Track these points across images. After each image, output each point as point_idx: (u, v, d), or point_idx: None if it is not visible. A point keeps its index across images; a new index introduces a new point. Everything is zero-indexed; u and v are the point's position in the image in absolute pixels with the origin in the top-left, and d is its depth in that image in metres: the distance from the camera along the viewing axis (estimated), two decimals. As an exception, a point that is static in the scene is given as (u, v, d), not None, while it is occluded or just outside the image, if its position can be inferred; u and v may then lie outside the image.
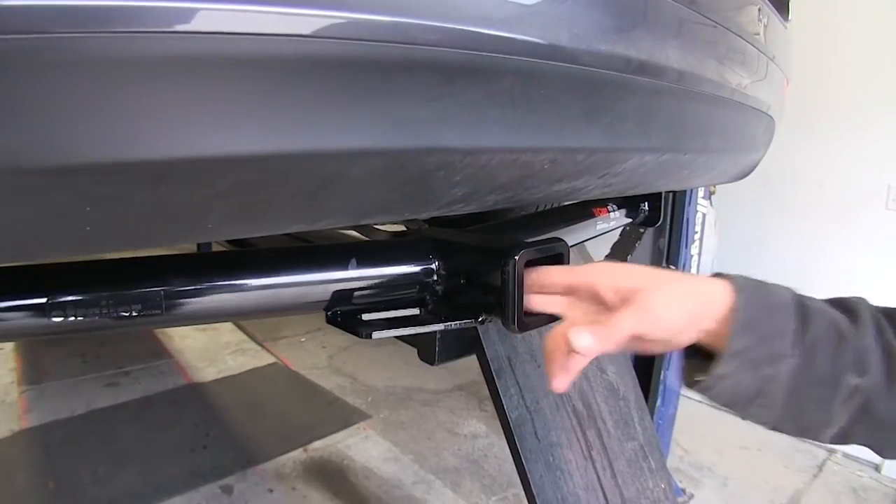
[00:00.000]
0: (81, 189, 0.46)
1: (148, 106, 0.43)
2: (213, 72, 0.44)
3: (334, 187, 0.56)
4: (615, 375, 2.46)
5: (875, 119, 3.38)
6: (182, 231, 0.58)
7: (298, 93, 0.47)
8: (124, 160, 0.44)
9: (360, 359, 4.56)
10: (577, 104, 0.70)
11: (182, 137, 0.44)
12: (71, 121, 0.42)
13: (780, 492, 3.33)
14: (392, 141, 0.54)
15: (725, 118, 1.09)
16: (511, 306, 0.84)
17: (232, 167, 0.48)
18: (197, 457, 3.16)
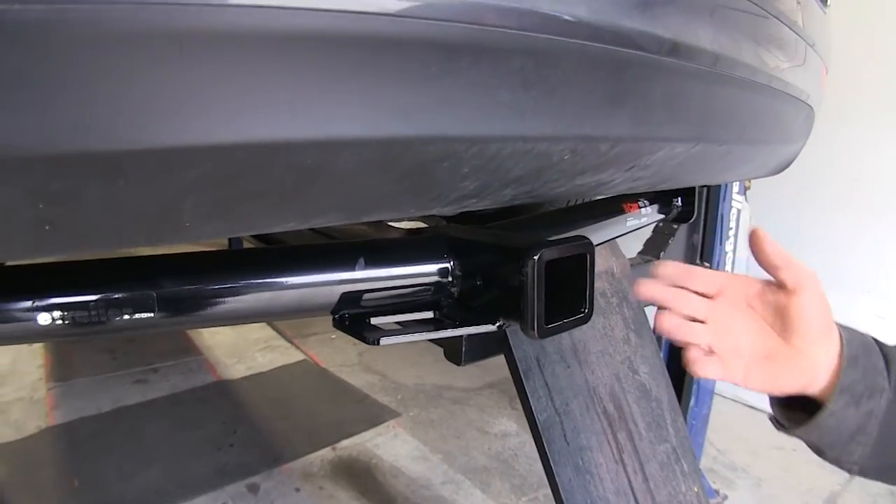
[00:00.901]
0: (28, 184, 0.41)
1: (97, 89, 0.38)
2: (167, 48, 0.38)
3: (320, 181, 0.50)
4: (647, 376, 2.38)
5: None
6: (156, 230, 0.53)
7: (263, 73, 0.41)
8: (70, 152, 0.39)
9: (390, 356, 4.53)
10: (599, 88, 0.63)
11: (135, 126, 0.39)
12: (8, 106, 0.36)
13: (815, 493, 3.23)
14: (379, 129, 0.48)
15: (762, 106, 1.01)
16: (531, 310, 0.78)
17: (193, 159, 0.42)
18: (223, 455, 3.14)
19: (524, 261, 0.76)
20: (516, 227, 1.19)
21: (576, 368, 2.11)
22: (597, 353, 2.17)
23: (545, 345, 1.97)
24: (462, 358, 1.84)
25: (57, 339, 0.75)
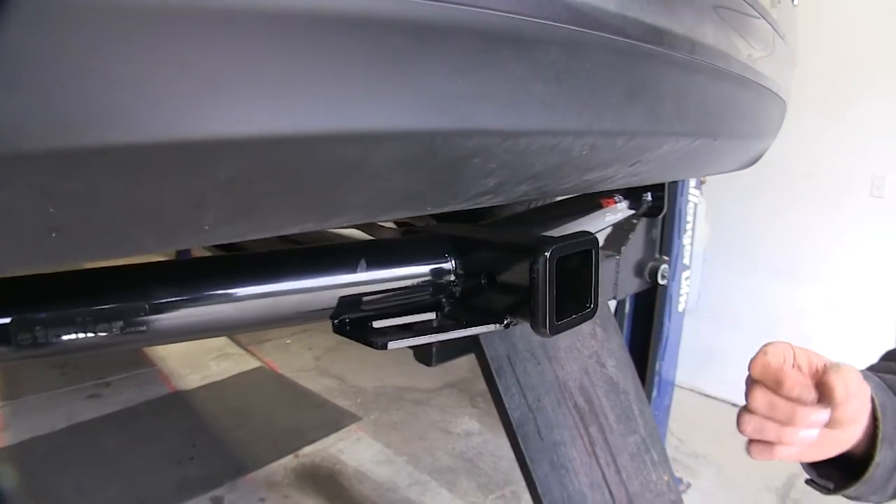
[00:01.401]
0: (41, 184, 0.37)
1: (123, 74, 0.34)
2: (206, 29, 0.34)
3: (354, 177, 0.47)
4: (615, 369, 2.40)
5: (861, 111, 3.41)
6: (171, 235, 0.49)
7: (308, 59, 0.38)
8: (95, 146, 0.35)
9: (348, 359, 4.48)
10: (621, 82, 0.62)
11: (169, 116, 0.35)
12: (21, 93, 0.32)
13: (775, 477, 3.31)
14: (424, 120, 0.45)
15: (749, 101, 1.02)
16: (542, 307, 0.76)
17: (232, 153, 0.39)
18: (184, 468, 3.05)
19: (535, 258, 0.74)
20: (506, 225, 1.18)
21: (546, 365, 2.11)
22: (565, 349, 2.18)
23: (515, 342, 1.97)
24: (433, 358, 1.82)
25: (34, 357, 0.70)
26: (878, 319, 3.48)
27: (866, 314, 3.54)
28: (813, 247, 3.68)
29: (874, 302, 3.51)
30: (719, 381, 4.08)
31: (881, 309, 3.48)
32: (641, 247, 2.80)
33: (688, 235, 3.03)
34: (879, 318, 3.47)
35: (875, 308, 3.50)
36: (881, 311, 3.48)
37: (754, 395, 0.82)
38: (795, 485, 3.26)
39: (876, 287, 3.49)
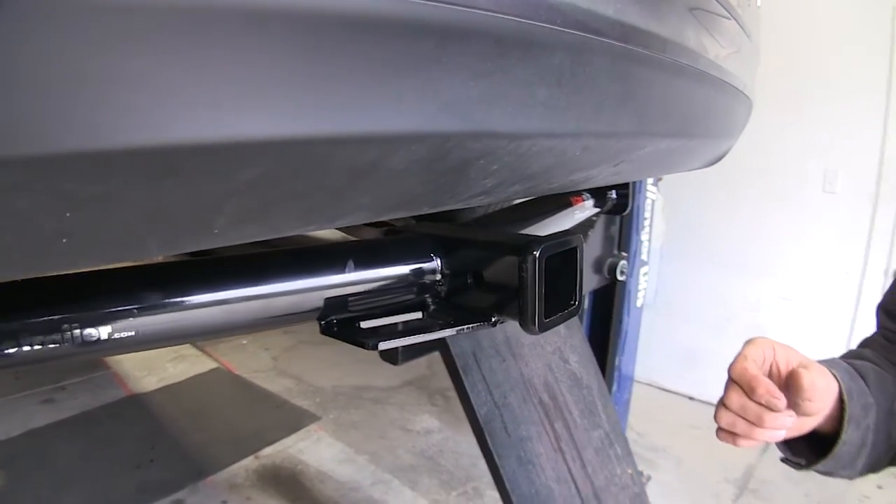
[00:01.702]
0: (63, 188, 0.36)
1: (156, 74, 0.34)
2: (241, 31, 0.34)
3: (369, 178, 0.47)
4: (577, 364, 2.43)
5: (813, 108, 3.49)
6: (180, 238, 0.48)
7: (340, 62, 0.38)
8: (126, 147, 0.34)
9: (305, 359, 4.45)
10: (614, 85, 0.63)
11: (199, 117, 0.35)
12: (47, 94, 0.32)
13: (733, 468, 3.39)
14: (441, 123, 0.45)
15: (724, 101, 1.05)
16: (531, 305, 0.77)
17: (259, 155, 0.38)
18: (144, 472, 3.00)
19: (524, 257, 0.75)
20: (484, 225, 1.18)
21: (511, 362, 2.12)
22: (529, 346, 2.19)
23: (480, 340, 1.97)
24: (399, 357, 1.82)
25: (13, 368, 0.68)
26: (830, 312, 3.58)
27: (819, 307, 3.64)
28: (767, 241, 3.76)
29: (826, 295, 3.60)
30: (676, 375, 4.16)
31: (833, 302, 3.58)
32: (601, 244, 2.84)
33: (646, 232, 3.09)
34: (831, 311, 3.58)
35: (827, 301, 3.60)
36: (833, 304, 3.58)
37: (730, 394, 0.88)
38: (754, 475, 3.34)
39: (828, 281, 3.59)
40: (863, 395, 0.88)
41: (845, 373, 0.89)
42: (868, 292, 3.48)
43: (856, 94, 3.38)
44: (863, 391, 0.89)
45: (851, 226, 3.49)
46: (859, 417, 0.87)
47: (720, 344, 3.94)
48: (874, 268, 3.47)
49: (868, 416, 0.88)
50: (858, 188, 3.45)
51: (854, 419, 0.86)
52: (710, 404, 4.13)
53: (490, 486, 3.17)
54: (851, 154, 3.44)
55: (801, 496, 3.16)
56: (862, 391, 0.89)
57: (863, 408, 0.87)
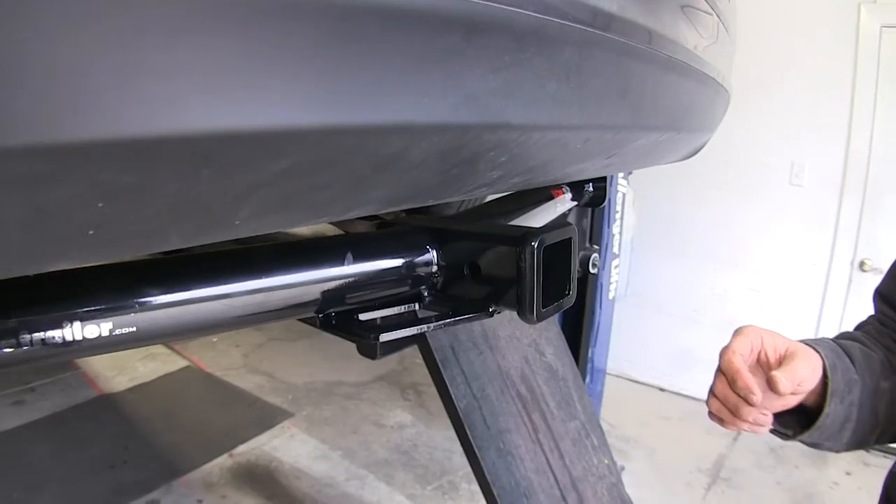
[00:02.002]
0: (100, 178, 0.36)
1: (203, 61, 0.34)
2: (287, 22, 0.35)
3: (389, 170, 0.48)
4: (553, 357, 2.45)
5: (780, 102, 3.55)
6: (202, 230, 0.48)
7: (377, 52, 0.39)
8: (168, 135, 0.34)
9: (277, 356, 4.42)
10: (616, 79, 0.65)
11: (245, 105, 0.35)
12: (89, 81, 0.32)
13: (705, 457, 3.45)
14: (462, 115, 0.46)
15: (708, 95, 1.07)
16: (529, 295, 0.78)
17: (297, 144, 0.39)
18: (118, 473, 2.96)
19: (523, 248, 0.76)
20: (474, 217, 1.19)
21: (488, 354, 2.14)
22: (505, 338, 2.21)
23: (458, 333, 1.98)
24: (378, 351, 1.82)
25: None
26: (798, 302, 3.66)
27: (787, 298, 3.71)
28: (735, 234, 3.82)
29: (794, 286, 3.68)
30: (646, 366, 4.22)
31: (801, 292, 3.66)
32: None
33: (617, 225, 3.13)
34: (799, 302, 3.66)
35: (795, 292, 3.68)
36: (801, 294, 3.66)
37: (716, 383, 0.94)
38: (725, 464, 3.40)
39: (795, 271, 3.67)
40: (847, 371, 0.92)
41: (830, 350, 0.93)
42: (835, 282, 3.57)
43: (822, 88, 3.45)
44: (847, 368, 0.93)
45: (818, 217, 3.57)
46: (843, 392, 0.91)
47: (690, 335, 4.02)
48: (840, 258, 3.55)
49: (852, 392, 0.92)
50: (825, 181, 3.53)
51: (837, 393, 0.90)
52: (680, 395, 4.21)
53: (465, 480, 3.20)
54: (818, 147, 3.51)
55: (772, 484, 3.23)
56: (846, 368, 0.92)
57: (846, 384, 0.91)
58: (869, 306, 1.11)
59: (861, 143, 3.39)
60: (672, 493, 3.13)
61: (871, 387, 0.94)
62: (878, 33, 3.27)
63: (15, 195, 0.35)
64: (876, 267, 3.45)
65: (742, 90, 3.52)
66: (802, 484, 3.18)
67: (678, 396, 4.11)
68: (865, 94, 3.34)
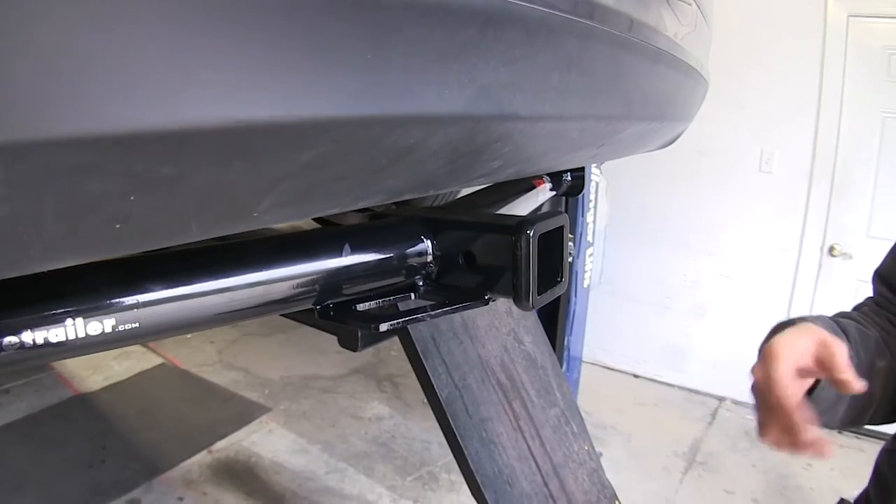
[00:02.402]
0: (135, 169, 0.37)
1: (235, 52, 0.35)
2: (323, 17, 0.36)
3: (404, 160, 0.49)
4: (532, 345, 2.47)
5: (749, 90, 3.60)
6: (222, 221, 0.49)
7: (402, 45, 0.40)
8: (207, 126, 0.35)
9: (251, 351, 4.40)
10: (610, 70, 0.67)
11: (282, 95, 0.36)
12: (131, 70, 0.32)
13: (681, 441, 3.51)
14: (476, 106, 0.48)
15: (690, 85, 1.10)
16: (525, 283, 0.80)
17: (326, 134, 0.40)
18: (96, 473, 2.93)
19: (518, 237, 0.78)
20: (462, 207, 1.21)
21: (468, 344, 2.15)
22: (484, 328, 2.23)
23: (438, 323, 2.00)
24: (359, 343, 1.83)
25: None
26: (769, 288, 3.73)
27: (758, 283, 3.78)
28: (706, 221, 3.88)
29: (765, 271, 3.75)
30: (619, 353, 4.28)
31: (771, 278, 3.73)
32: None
33: (591, 213, 3.16)
34: (770, 287, 3.73)
35: (766, 277, 3.75)
36: (771, 279, 3.73)
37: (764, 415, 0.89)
38: (701, 448, 3.47)
39: (766, 257, 3.73)
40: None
41: (827, 326, 0.93)
42: (805, 267, 3.64)
43: (791, 78, 3.50)
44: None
45: (788, 204, 3.63)
46: None
47: (663, 322, 4.08)
48: (810, 245, 3.62)
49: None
50: (794, 168, 3.59)
51: None
52: (654, 381, 4.26)
53: (444, 470, 3.22)
54: (787, 135, 3.57)
55: (748, 466, 3.30)
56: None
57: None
58: (839, 290, 1.14)
59: (829, 131, 3.46)
60: (650, 478, 3.18)
61: (867, 364, 0.94)
62: (845, 22, 3.33)
63: (53, 187, 0.36)
64: (845, 252, 3.52)
65: (713, 79, 3.57)
66: (777, 465, 3.24)
67: (652, 382, 4.17)
68: (833, 83, 3.40)
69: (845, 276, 3.53)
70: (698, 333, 3.99)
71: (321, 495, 2.97)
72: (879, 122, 3.35)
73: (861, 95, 3.36)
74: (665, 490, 3.11)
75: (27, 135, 0.32)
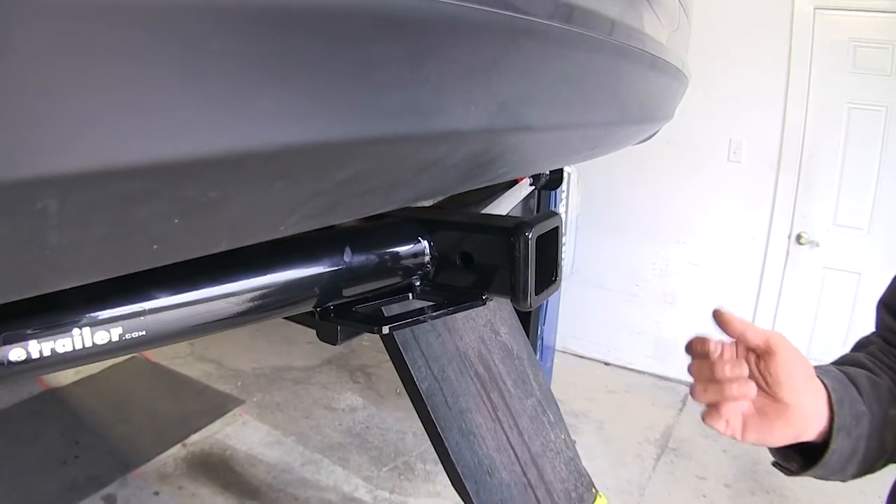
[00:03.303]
0: (185, 194, 0.38)
1: (289, 76, 0.36)
2: (378, 41, 0.37)
3: (427, 173, 0.50)
4: (508, 336, 2.50)
5: (717, 80, 3.62)
6: (248, 236, 0.50)
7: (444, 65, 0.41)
8: (263, 149, 0.36)
9: (223, 343, 4.36)
10: (611, 80, 0.69)
11: (332, 116, 0.37)
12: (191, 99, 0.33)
13: (653, 428, 3.57)
14: (497, 120, 0.49)
15: (674, 85, 1.12)
16: (523, 283, 0.82)
17: (368, 153, 0.41)
18: (70, 469, 2.89)
19: (517, 237, 0.80)
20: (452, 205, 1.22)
21: (446, 336, 2.17)
22: (462, 319, 2.24)
23: (417, 317, 2.00)
24: (338, 337, 1.84)
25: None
26: (736, 276, 3.80)
27: (726, 272, 3.84)
28: (675, 210, 3.92)
29: (733, 260, 3.81)
30: (589, 341, 4.32)
31: (739, 266, 3.79)
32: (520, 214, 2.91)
33: (563, 204, 3.19)
34: (738, 275, 3.79)
35: (734, 266, 3.81)
36: (739, 268, 3.79)
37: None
38: (672, 435, 3.53)
39: (734, 246, 3.79)
40: (854, 403, 0.88)
41: (837, 381, 0.89)
42: (773, 256, 3.71)
43: (759, 68, 3.55)
44: (854, 400, 0.88)
45: (756, 193, 3.69)
46: (850, 427, 0.87)
47: (632, 309, 4.13)
48: (778, 233, 3.68)
49: (860, 424, 0.88)
50: (762, 158, 3.64)
51: (844, 429, 0.86)
52: (625, 368, 4.31)
53: (420, 460, 3.24)
54: (755, 125, 3.62)
55: (719, 452, 3.36)
56: (854, 400, 0.88)
57: (854, 417, 0.87)
58: (807, 278, 1.11)
59: (796, 121, 3.51)
60: (623, 465, 3.23)
61: (880, 417, 0.89)
62: (811, 14, 3.39)
63: (104, 216, 0.37)
64: (812, 240, 3.59)
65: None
66: (748, 451, 3.29)
67: (623, 370, 4.23)
68: (800, 74, 3.46)
69: (813, 263, 3.60)
70: (668, 321, 4.05)
71: (297, 487, 2.97)
72: (845, 113, 3.41)
73: (827, 86, 3.42)
74: (638, 477, 3.16)
75: (88, 165, 0.33)
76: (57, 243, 0.37)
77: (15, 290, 0.42)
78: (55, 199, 0.34)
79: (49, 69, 0.29)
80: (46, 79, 0.30)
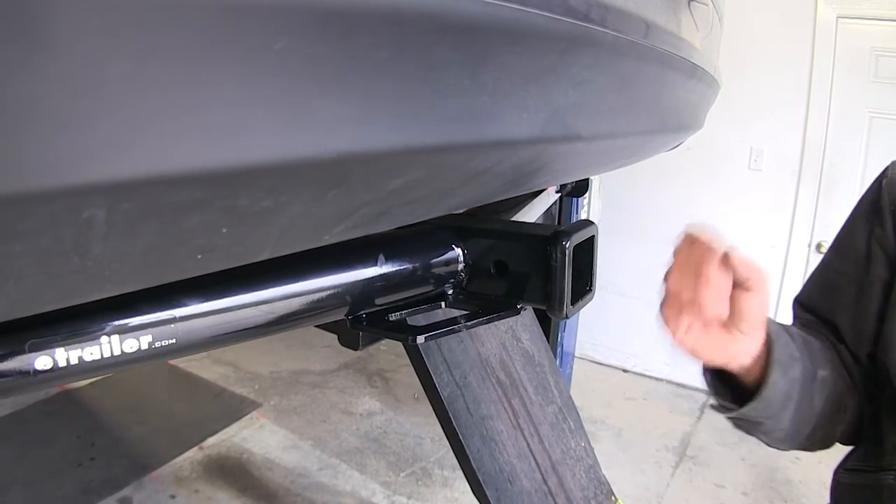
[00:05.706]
0: (236, 203, 0.37)
1: (352, 85, 0.34)
2: (439, 49, 0.35)
3: (474, 181, 0.49)
4: (529, 342, 2.48)
5: (740, 88, 3.58)
6: (292, 245, 0.49)
7: (500, 74, 0.40)
8: (316, 158, 0.35)
9: (240, 346, 4.32)
10: (654, 89, 0.68)
11: (390, 123, 0.36)
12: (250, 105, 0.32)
13: (671, 435, 3.54)
14: (547, 129, 0.48)
15: (708, 93, 1.10)
16: (559, 292, 0.80)
17: (420, 162, 0.40)
18: (86, 471, 2.89)
19: (555, 247, 0.78)
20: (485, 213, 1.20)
21: (468, 342, 2.16)
22: (484, 326, 2.22)
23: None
24: (360, 342, 1.83)
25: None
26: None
27: (746, 280, 3.80)
28: (696, 217, 3.85)
29: (752, 268, 3.77)
30: (608, 347, 4.30)
31: (758, 276, 3.76)
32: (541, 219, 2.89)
33: (584, 211, 3.17)
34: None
35: (753, 274, 3.77)
36: (759, 276, 3.76)
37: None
38: (691, 442, 3.49)
39: (755, 255, 3.71)
40: (788, 345, 0.88)
41: (776, 324, 0.90)
42: (793, 265, 3.67)
43: (781, 77, 3.53)
44: (788, 343, 0.89)
45: (776, 202, 3.66)
46: (786, 365, 0.87)
47: (650, 316, 4.09)
48: (798, 241, 3.65)
49: (793, 367, 0.88)
50: (783, 166, 3.61)
51: (781, 364, 0.85)
52: (643, 376, 4.28)
53: (437, 466, 3.23)
54: (776, 133, 3.59)
55: (737, 460, 3.33)
56: (788, 342, 0.88)
57: (789, 357, 0.87)
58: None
59: (817, 130, 3.49)
60: (641, 472, 3.20)
61: (811, 371, 0.90)
62: (834, 23, 3.36)
63: (152, 225, 0.35)
64: (833, 249, 3.55)
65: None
66: (765, 459, 3.27)
67: (641, 377, 4.20)
68: (822, 83, 3.43)
69: (833, 273, 3.55)
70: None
71: (314, 492, 2.96)
72: (867, 122, 3.39)
73: (849, 95, 3.39)
74: (657, 484, 3.13)
75: (141, 173, 0.32)
76: (100, 254, 0.35)
77: (52, 301, 0.41)
78: (103, 209, 0.33)
79: (101, 70, 0.28)
80: (99, 81, 0.28)
